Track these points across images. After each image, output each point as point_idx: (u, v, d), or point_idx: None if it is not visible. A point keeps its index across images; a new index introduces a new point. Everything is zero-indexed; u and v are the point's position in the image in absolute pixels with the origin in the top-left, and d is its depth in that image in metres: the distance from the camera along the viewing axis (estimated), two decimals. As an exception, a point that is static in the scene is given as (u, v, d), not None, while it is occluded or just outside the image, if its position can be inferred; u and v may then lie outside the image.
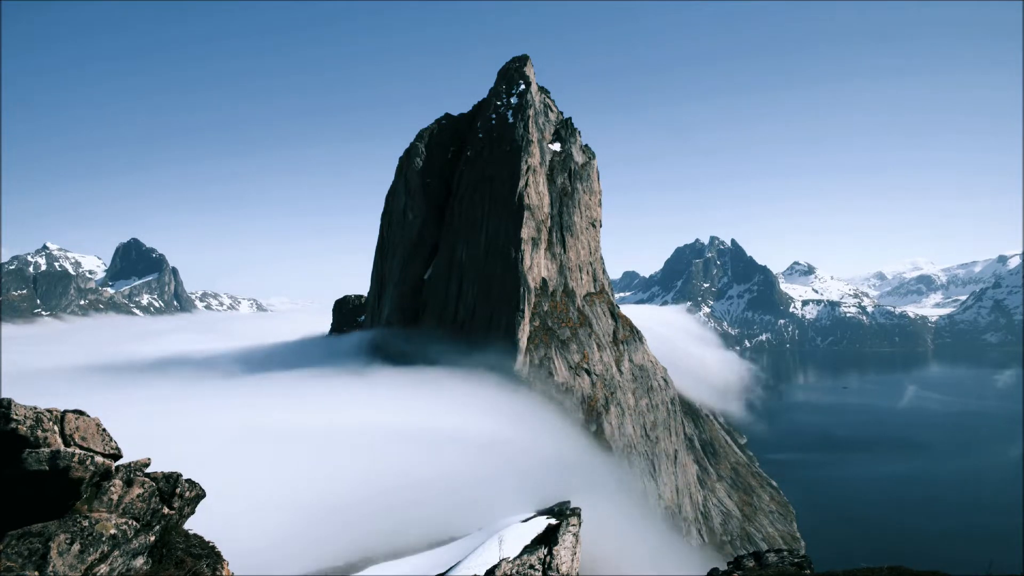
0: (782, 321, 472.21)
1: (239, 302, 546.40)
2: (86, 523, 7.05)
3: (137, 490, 8.05)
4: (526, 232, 75.20)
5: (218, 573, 8.86)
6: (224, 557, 9.26)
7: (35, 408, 7.33)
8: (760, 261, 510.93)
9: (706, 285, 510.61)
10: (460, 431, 56.04)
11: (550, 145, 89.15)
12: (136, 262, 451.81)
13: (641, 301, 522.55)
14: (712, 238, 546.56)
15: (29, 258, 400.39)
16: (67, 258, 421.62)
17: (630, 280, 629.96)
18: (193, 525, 9.38)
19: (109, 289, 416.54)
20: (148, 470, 8.59)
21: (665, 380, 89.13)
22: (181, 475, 8.98)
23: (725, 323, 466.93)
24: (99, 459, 7.68)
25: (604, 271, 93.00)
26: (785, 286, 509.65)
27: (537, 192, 79.44)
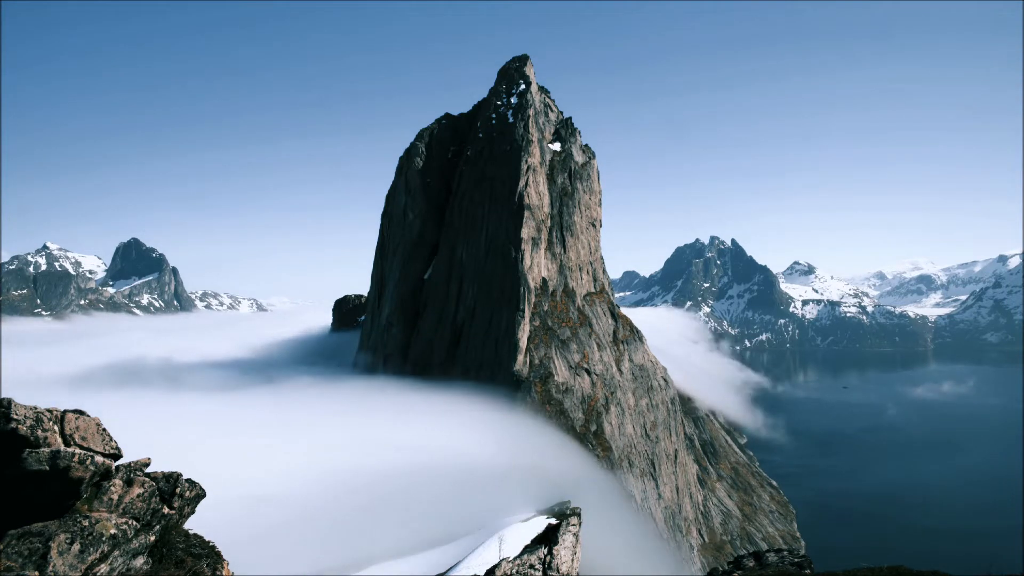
0: (782, 321, 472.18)
1: (239, 302, 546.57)
2: (86, 523, 7.05)
3: (137, 490, 8.05)
4: (526, 232, 75.18)
5: (218, 573, 8.86)
6: (224, 557, 9.25)
7: (35, 408, 7.32)
8: (760, 261, 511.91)
9: (706, 285, 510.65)
10: (460, 432, 56.05)
11: (550, 145, 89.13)
12: (136, 262, 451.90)
13: (641, 301, 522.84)
14: (712, 238, 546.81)
15: (29, 258, 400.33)
16: (67, 258, 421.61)
17: (630, 280, 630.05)
18: (193, 525, 9.37)
19: (109, 289, 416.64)
20: (148, 470, 8.59)
21: (665, 380, 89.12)
22: (181, 475, 8.97)
23: (725, 323, 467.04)
24: (99, 459, 7.68)
25: (604, 271, 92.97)
26: (785, 286, 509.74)
27: (537, 192, 79.42)
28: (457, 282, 79.38)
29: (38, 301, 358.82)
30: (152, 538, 8.02)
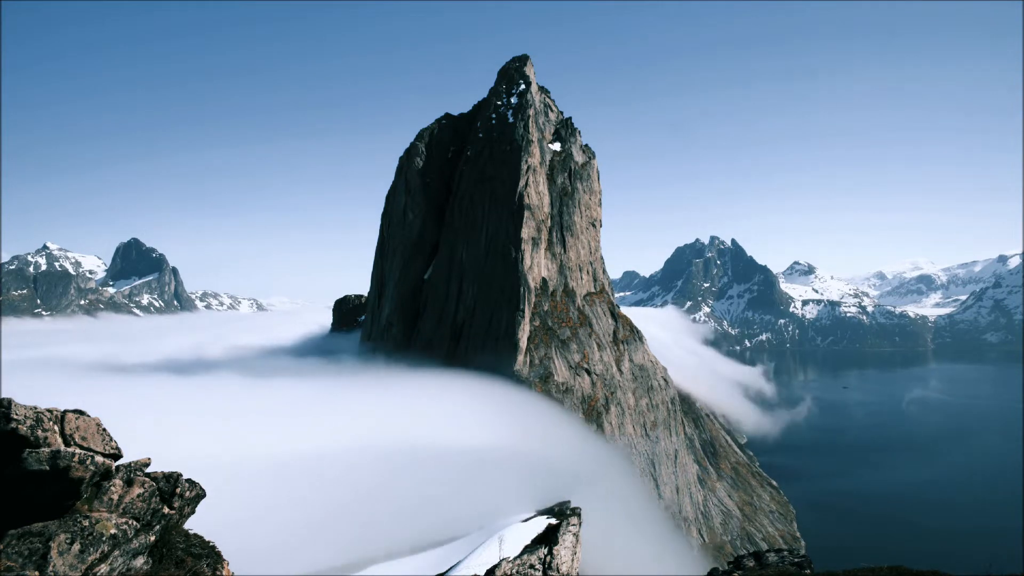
0: (782, 321, 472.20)
1: (239, 302, 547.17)
2: (86, 523, 7.05)
3: (137, 490, 8.05)
4: (526, 232, 75.17)
5: (218, 573, 8.86)
6: (224, 557, 9.25)
7: (35, 408, 7.32)
8: (760, 261, 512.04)
9: (706, 285, 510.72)
10: (460, 431, 56.03)
11: (550, 145, 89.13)
12: (136, 262, 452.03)
13: (641, 301, 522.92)
14: (712, 238, 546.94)
15: (29, 258, 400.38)
16: (67, 258, 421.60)
17: (630, 280, 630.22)
18: (193, 525, 9.38)
19: (109, 289, 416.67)
20: (148, 470, 8.59)
21: (665, 380, 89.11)
22: (181, 475, 8.97)
23: (725, 323, 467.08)
24: (99, 459, 7.67)
25: (604, 271, 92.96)
26: (785, 286, 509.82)
27: (537, 192, 79.42)
28: (457, 282, 79.39)
29: (38, 301, 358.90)
30: (152, 538, 8.02)
